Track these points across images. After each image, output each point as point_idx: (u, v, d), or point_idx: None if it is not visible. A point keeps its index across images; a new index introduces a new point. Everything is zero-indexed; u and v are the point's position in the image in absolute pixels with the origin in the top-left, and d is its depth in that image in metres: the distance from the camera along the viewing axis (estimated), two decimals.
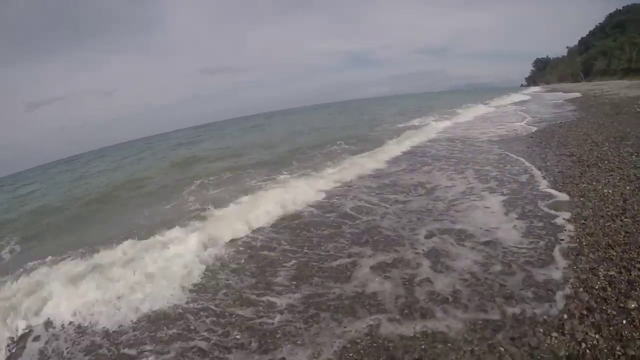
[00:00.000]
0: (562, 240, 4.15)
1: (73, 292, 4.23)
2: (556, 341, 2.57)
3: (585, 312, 2.82)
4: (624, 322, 2.67)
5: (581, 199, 5.33)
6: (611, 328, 2.62)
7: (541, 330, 2.70)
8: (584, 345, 2.50)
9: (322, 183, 8.21)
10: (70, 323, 3.86)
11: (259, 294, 3.86)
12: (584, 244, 3.97)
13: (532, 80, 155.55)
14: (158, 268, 4.64)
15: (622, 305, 2.85)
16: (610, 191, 5.43)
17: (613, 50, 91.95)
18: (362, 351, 2.74)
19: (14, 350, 3.60)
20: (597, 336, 2.56)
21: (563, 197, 5.54)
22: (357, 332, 2.98)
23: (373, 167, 9.62)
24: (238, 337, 3.18)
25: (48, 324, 3.92)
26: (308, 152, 13.06)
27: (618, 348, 2.43)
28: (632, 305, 2.82)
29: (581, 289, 3.14)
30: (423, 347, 2.66)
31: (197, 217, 6.77)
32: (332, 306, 3.41)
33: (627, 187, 5.48)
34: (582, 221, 4.55)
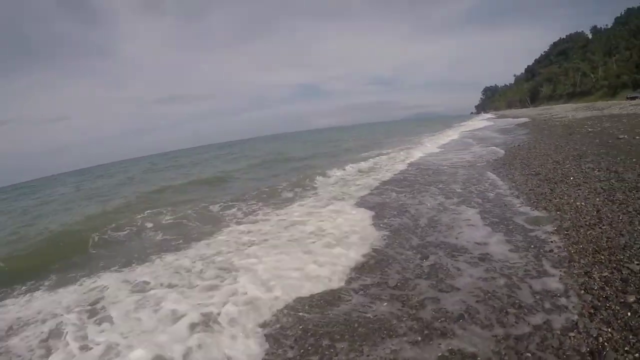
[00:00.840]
0: (551, 250, 4.51)
1: None
2: (575, 340, 2.81)
3: (592, 311, 3.11)
4: (629, 314, 2.98)
5: (558, 212, 5.82)
6: (619, 321, 2.91)
7: (559, 332, 2.93)
8: (600, 339, 2.75)
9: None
10: None
11: None
12: (572, 252, 4.35)
13: (481, 108, 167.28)
14: None
15: (622, 300, 3.18)
16: (582, 204, 5.99)
17: (558, 76, 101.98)
18: None
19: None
20: (609, 330, 2.83)
21: (539, 212, 6.01)
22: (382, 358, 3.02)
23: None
24: None
25: None
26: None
27: (630, 337, 2.71)
28: (632, 299, 3.16)
29: (582, 291, 3.45)
30: None
31: None
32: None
33: (597, 199, 6.08)
34: (565, 232, 4.98)
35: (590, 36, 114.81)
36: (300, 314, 3.82)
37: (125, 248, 7.41)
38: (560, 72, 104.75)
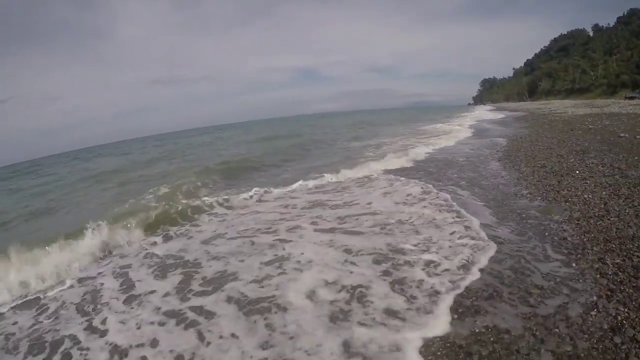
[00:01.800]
0: (565, 239, 4.83)
1: None
2: (597, 317, 3.15)
3: (609, 293, 3.45)
4: None
5: (567, 203, 6.16)
6: (634, 302, 3.26)
7: (581, 311, 3.26)
8: (619, 317, 3.09)
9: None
10: None
11: None
12: (585, 240, 4.69)
13: (479, 99, 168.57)
14: None
15: (635, 284, 3.53)
16: (590, 196, 6.35)
17: (557, 71, 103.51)
18: (438, 353, 3.05)
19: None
20: (625, 310, 3.17)
21: (549, 203, 6.33)
22: None
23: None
24: None
25: None
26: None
27: None
28: None
29: (598, 276, 3.79)
30: (492, 339, 3.08)
31: None
32: None
33: (604, 193, 6.45)
34: (577, 221, 5.32)
35: (591, 34, 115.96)
36: None
37: None
38: (559, 67, 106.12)
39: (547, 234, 5.08)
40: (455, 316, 3.43)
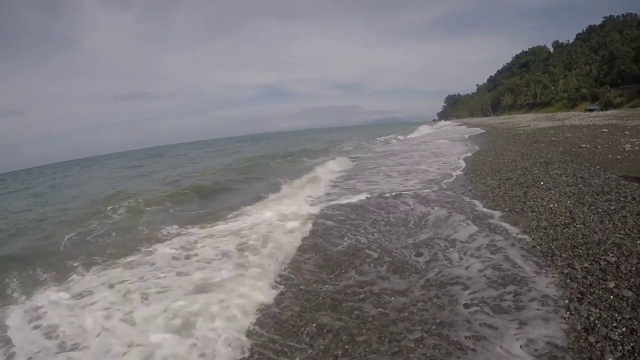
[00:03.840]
0: (534, 247, 5.13)
1: None
2: (570, 318, 3.40)
3: (580, 296, 3.72)
4: (611, 297, 3.62)
5: (533, 213, 6.54)
6: (604, 303, 3.54)
7: (554, 313, 3.51)
8: (591, 318, 3.35)
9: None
10: None
11: None
12: (554, 247, 5.02)
13: (443, 115, 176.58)
14: None
15: (604, 286, 3.81)
16: (555, 206, 6.79)
17: (520, 87, 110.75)
18: None
19: None
20: (597, 310, 3.44)
21: (517, 215, 6.70)
22: None
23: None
24: None
25: None
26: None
27: (616, 315, 3.33)
28: (612, 285, 3.82)
29: (568, 280, 4.07)
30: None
31: None
32: None
33: (568, 202, 6.93)
34: (544, 230, 5.68)
35: (551, 50, 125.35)
36: None
37: None
38: (521, 83, 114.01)
39: (516, 243, 5.36)
40: None
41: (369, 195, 9.97)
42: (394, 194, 9.87)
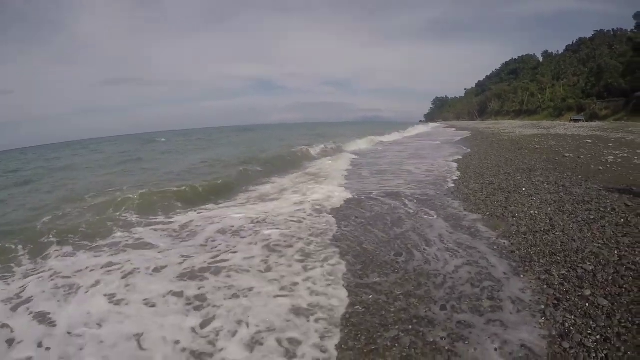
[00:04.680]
0: (513, 252, 5.21)
1: None
2: (545, 324, 3.48)
3: (555, 302, 3.81)
4: (587, 305, 3.72)
5: (514, 218, 6.65)
6: (580, 310, 3.63)
7: (530, 318, 3.58)
8: (567, 324, 3.44)
9: None
10: None
11: None
12: (532, 253, 5.09)
13: (430, 117, 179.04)
14: None
15: (580, 294, 3.90)
16: (536, 212, 6.93)
17: (507, 93, 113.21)
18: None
19: None
20: (572, 317, 3.53)
21: (498, 220, 6.79)
22: None
23: None
24: None
25: None
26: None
27: (591, 322, 3.42)
28: (588, 293, 3.92)
29: (545, 286, 4.15)
30: None
31: None
32: None
33: (549, 209, 7.07)
34: (524, 235, 5.79)
35: (541, 59, 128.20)
36: None
37: None
38: (509, 89, 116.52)
39: (495, 247, 5.44)
40: None
41: (351, 197, 10.01)
42: (373, 194, 9.91)
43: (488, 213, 7.18)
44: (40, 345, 3.79)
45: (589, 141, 19.69)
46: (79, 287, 4.98)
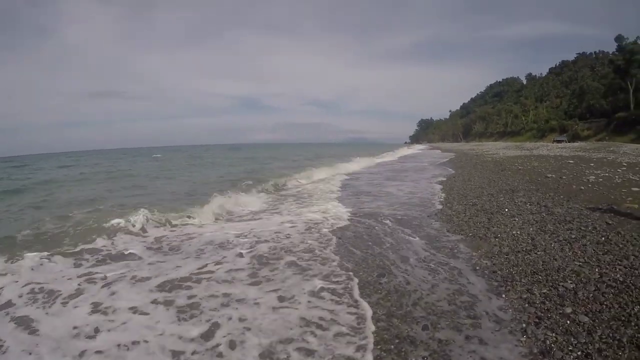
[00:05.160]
0: (495, 272, 5.27)
1: None
2: (527, 341, 3.52)
3: (537, 320, 3.85)
4: (568, 322, 3.77)
5: (496, 239, 6.75)
6: (561, 327, 3.68)
7: (511, 336, 3.63)
8: (548, 341, 3.47)
9: None
10: None
11: None
12: (514, 272, 5.17)
13: (415, 138, 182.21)
14: None
15: (561, 311, 3.96)
16: (518, 232, 7.05)
17: (491, 115, 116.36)
18: None
19: None
20: (553, 334, 3.57)
21: (480, 240, 6.88)
22: None
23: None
24: None
25: None
26: None
27: (572, 339, 3.46)
28: (569, 310, 3.99)
29: (526, 305, 4.21)
30: None
31: None
32: None
33: (531, 229, 7.22)
34: (506, 256, 5.87)
35: (524, 82, 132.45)
36: None
37: None
38: (493, 112, 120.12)
39: (477, 267, 5.50)
40: None
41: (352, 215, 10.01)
42: (359, 215, 9.93)
43: (470, 234, 7.27)
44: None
45: (571, 161, 20.23)
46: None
